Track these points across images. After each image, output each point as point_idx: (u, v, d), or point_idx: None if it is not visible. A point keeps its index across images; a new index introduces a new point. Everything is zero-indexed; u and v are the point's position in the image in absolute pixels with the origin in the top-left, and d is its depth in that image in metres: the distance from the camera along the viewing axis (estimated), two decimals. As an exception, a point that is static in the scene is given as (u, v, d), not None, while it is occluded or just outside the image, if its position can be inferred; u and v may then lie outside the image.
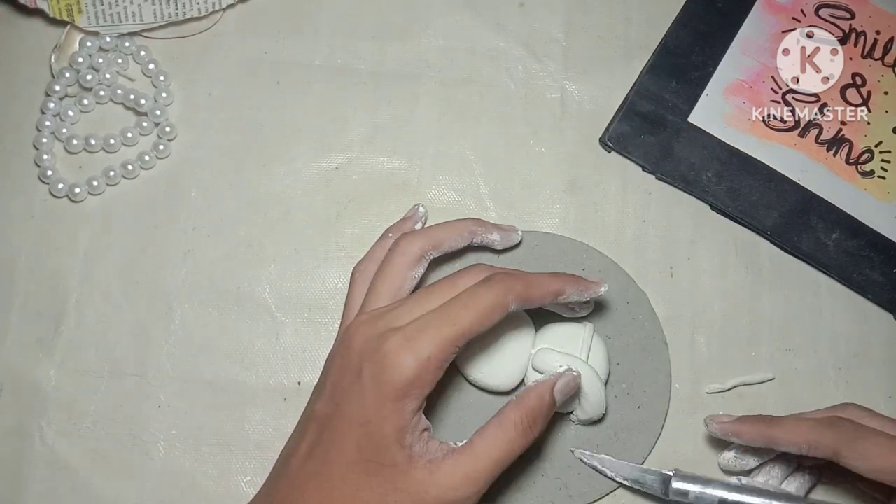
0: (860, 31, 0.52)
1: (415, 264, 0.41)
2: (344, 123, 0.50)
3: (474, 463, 0.36)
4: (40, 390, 0.45)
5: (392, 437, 0.35)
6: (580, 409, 0.43)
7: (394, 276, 0.41)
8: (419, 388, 0.36)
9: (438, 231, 0.43)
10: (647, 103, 0.50)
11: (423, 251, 0.42)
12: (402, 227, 0.45)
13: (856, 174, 0.50)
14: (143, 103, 0.49)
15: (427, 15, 0.52)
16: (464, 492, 0.36)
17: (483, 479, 0.36)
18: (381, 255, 0.43)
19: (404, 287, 0.41)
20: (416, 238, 0.42)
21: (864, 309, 0.49)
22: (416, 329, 0.36)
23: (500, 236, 0.45)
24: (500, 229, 0.45)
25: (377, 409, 0.36)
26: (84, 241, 0.48)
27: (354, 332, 0.38)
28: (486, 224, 0.45)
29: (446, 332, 0.36)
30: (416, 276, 0.42)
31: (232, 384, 0.46)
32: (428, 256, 0.42)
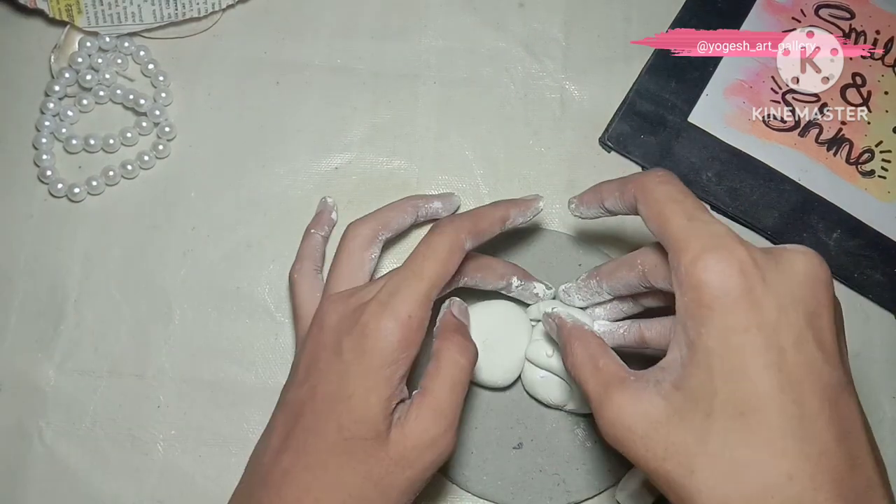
0: (860, 31, 0.52)
1: (370, 245, 0.42)
2: (343, 123, 0.50)
3: (434, 398, 0.35)
4: (40, 390, 0.45)
5: (378, 408, 0.34)
6: (573, 401, 0.43)
7: (351, 258, 0.41)
8: (406, 350, 0.35)
9: (384, 212, 0.44)
10: (646, 103, 0.50)
11: (374, 232, 0.42)
12: (320, 220, 0.47)
13: (856, 174, 0.50)
14: (143, 103, 0.49)
15: (427, 15, 0.52)
16: (436, 428, 0.35)
17: (450, 408, 0.35)
18: (311, 254, 0.45)
19: (364, 268, 0.41)
20: (364, 221, 0.43)
21: (864, 308, 0.49)
22: (388, 293, 0.36)
23: (442, 203, 0.46)
24: (439, 198, 0.46)
25: (362, 380, 0.35)
26: (83, 241, 0.48)
27: (327, 311, 0.38)
28: (425, 196, 0.46)
29: (417, 286, 0.35)
30: (374, 257, 0.42)
31: (231, 384, 0.46)
32: (381, 237, 0.43)
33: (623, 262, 0.39)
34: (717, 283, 0.30)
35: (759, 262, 0.30)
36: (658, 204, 0.33)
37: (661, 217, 0.33)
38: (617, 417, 0.32)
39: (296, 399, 0.37)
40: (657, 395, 0.31)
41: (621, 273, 0.38)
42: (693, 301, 0.30)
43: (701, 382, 0.30)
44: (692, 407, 0.30)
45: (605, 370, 0.34)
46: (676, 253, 0.31)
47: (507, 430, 0.45)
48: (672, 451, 0.30)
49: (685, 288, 0.31)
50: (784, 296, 0.30)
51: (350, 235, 0.42)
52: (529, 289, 0.44)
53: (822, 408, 0.29)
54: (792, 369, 0.29)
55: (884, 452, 0.46)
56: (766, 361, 0.29)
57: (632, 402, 0.32)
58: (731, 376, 0.29)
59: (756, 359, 0.29)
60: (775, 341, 0.29)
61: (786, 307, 0.30)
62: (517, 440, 0.44)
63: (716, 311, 0.30)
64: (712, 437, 0.29)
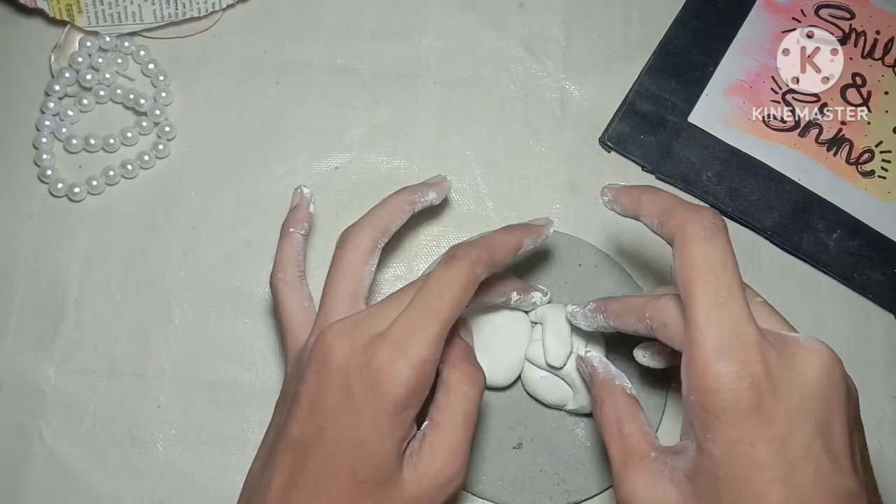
0: (860, 31, 0.52)
1: (369, 256, 0.39)
2: (343, 123, 0.50)
3: (447, 435, 0.34)
4: (40, 390, 0.45)
5: (392, 453, 0.33)
6: (573, 401, 0.43)
7: (351, 274, 0.38)
8: (420, 393, 0.34)
9: (382, 213, 0.40)
10: (646, 103, 0.50)
11: (374, 241, 0.39)
12: (297, 216, 0.42)
13: (856, 174, 0.50)
14: (143, 103, 0.49)
15: (427, 15, 0.52)
16: (451, 468, 0.34)
17: (462, 445, 0.35)
18: (293, 257, 0.41)
19: (364, 284, 0.38)
20: (360, 228, 0.39)
21: (864, 309, 0.49)
22: (402, 333, 0.33)
23: (436, 192, 0.43)
24: (432, 185, 0.43)
25: (375, 426, 0.33)
26: (83, 241, 0.48)
27: (332, 346, 0.34)
28: (418, 188, 0.42)
29: (432, 327, 0.33)
30: (373, 269, 0.39)
31: (231, 384, 0.46)
32: (380, 245, 0.40)
33: (631, 309, 0.37)
34: (727, 395, 0.29)
35: (773, 371, 0.29)
36: (691, 268, 0.31)
37: (690, 287, 0.31)
38: (632, 495, 0.32)
39: (302, 437, 0.34)
40: (671, 483, 0.31)
41: (628, 319, 0.37)
42: (700, 404, 0.30)
43: (708, 485, 0.30)
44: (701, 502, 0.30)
45: (629, 440, 0.34)
46: (692, 344, 0.30)
47: (507, 430, 0.45)
48: None
49: (694, 387, 0.30)
50: (795, 407, 0.29)
51: (348, 247, 0.39)
52: (528, 299, 0.43)
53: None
54: (800, 482, 0.29)
55: (884, 453, 0.47)
56: (772, 477, 0.29)
57: (647, 484, 0.32)
58: (735, 488, 0.29)
59: (761, 474, 0.29)
60: (783, 456, 0.29)
61: (796, 420, 0.29)
62: (517, 440, 0.44)
63: (723, 421, 0.29)
64: None
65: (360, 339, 0.34)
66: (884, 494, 0.45)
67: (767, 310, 0.34)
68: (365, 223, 0.40)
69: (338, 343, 0.34)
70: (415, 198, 0.42)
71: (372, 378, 0.33)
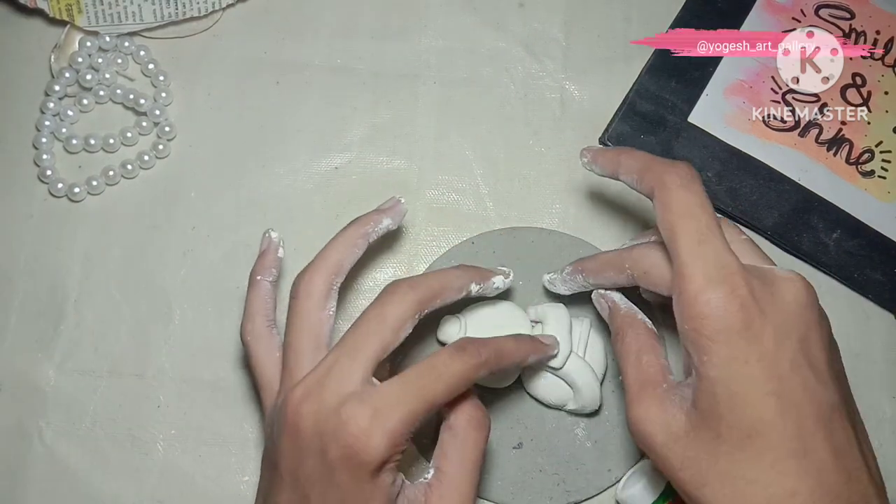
0: (860, 31, 0.52)
1: (325, 300, 0.38)
2: (343, 123, 0.50)
3: (456, 488, 0.35)
4: (40, 390, 0.45)
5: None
6: (573, 401, 0.43)
7: (309, 325, 0.37)
8: (395, 458, 0.33)
9: (333, 253, 0.39)
10: (646, 103, 0.50)
11: (328, 284, 0.38)
12: (265, 263, 0.41)
13: (856, 174, 0.50)
14: (143, 103, 0.49)
15: (427, 15, 0.52)
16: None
17: (471, 495, 0.35)
18: (261, 307, 0.39)
19: (323, 332, 0.37)
20: (313, 272, 0.38)
21: (864, 309, 0.48)
22: (385, 401, 0.33)
23: (391, 217, 0.41)
24: (385, 211, 0.41)
25: (356, 490, 0.33)
26: (83, 241, 0.48)
27: (299, 412, 0.34)
28: (371, 217, 0.41)
29: (415, 406, 0.33)
30: (332, 313, 0.38)
31: (231, 384, 0.46)
32: (335, 286, 0.38)
33: (609, 263, 0.39)
34: (719, 318, 0.31)
35: (757, 295, 0.32)
36: (672, 213, 0.34)
37: (672, 230, 0.34)
38: (643, 420, 0.34)
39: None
40: (680, 411, 0.34)
41: (608, 273, 0.39)
42: (694, 331, 0.32)
43: (709, 406, 0.32)
44: (704, 427, 0.32)
45: (646, 369, 0.36)
46: (681, 279, 0.33)
47: (507, 430, 0.45)
48: (687, 464, 0.33)
49: (687, 317, 0.32)
50: (779, 326, 0.32)
51: (301, 296, 0.37)
52: (489, 286, 0.41)
53: (818, 427, 0.31)
54: (790, 393, 0.31)
55: (884, 453, 0.47)
56: (767, 390, 0.31)
57: (658, 410, 0.34)
58: (735, 403, 0.31)
59: (757, 387, 0.31)
60: (774, 371, 0.31)
61: (781, 338, 0.32)
62: (517, 440, 0.44)
63: (717, 343, 0.32)
64: (722, 457, 0.32)
65: (329, 400, 0.33)
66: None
67: (749, 245, 0.37)
68: (315, 268, 0.38)
69: (305, 410, 0.34)
70: (367, 229, 0.40)
71: (347, 446, 0.32)
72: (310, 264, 0.39)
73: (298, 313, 0.37)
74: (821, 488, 0.31)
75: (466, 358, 0.35)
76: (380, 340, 0.35)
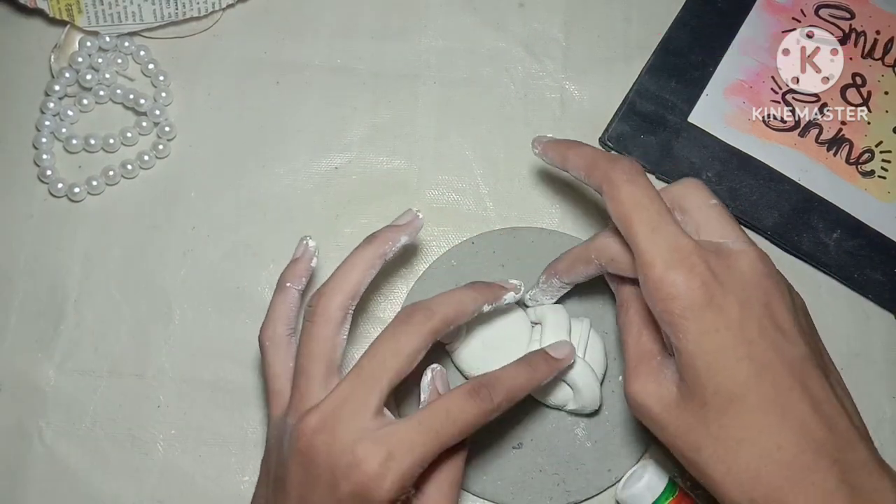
0: (860, 31, 0.52)
1: (339, 327, 0.37)
2: (343, 123, 0.50)
3: None
4: (40, 390, 0.45)
5: None
6: (573, 401, 0.43)
7: (324, 350, 0.37)
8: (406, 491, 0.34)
9: (351, 275, 0.38)
10: (646, 103, 0.50)
11: (345, 310, 0.37)
12: (297, 271, 0.40)
13: (856, 174, 0.50)
14: (143, 103, 0.49)
15: (427, 15, 0.52)
16: None
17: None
18: (285, 314, 0.39)
19: (336, 357, 0.37)
20: (332, 298, 0.37)
21: (864, 309, 0.48)
22: (399, 444, 0.34)
23: (408, 235, 0.40)
24: (402, 228, 0.40)
25: None
26: (83, 241, 0.48)
27: (313, 443, 0.34)
28: (388, 236, 0.39)
29: (428, 449, 0.34)
30: (345, 337, 0.38)
31: (231, 384, 0.46)
32: (351, 310, 0.38)
33: (577, 258, 0.41)
34: (684, 296, 0.33)
35: (716, 270, 0.34)
36: (623, 207, 0.35)
37: (626, 222, 0.35)
38: (639, 392, 0.36)
39: None
40: (672, 383, 0.35)
41: (578, 268, 0.41)
42: (666, 311, 0.34)
43: (692, 378, 0.34)
44: (691, 396, 0.34)
45: (643, 344, 0.37)
46: (643, 266, 0.35)
47: (507, 430, 0.45)
48: (681, 431, 0.34)
49: (655, 300, 0.34)
50: (740, 295, 0.34)
51: (319, 321, 0.37)
52: (501, 304, 0.41)
53: (793, 382, 0.33)
54: (761, 356, 0.33)
55: (884, 453, 0.46)
56: (739, 354, 0.33)
57: (653, 383, 0.36)
58: (713, 372, 0.33)
59: (730, 354, 0.33)
60: (742, 335, 0.33)
61: (744, 305, 0.34)
62: (517, 440, 0.44)
63: (687, 319, 0.33)
64: (711, 422, 0.33)
65: (344, 436, 0.34)
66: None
67: (717, 211, 0.37)
68: (334, 290, 0.37)
69: (319, 441, 0.34)
70: (385, 249, 0.39)
71: (359, 483, 0.33)
72: (327, 286, 0.38)
73: (314, 337, 0.37)
74: (804, 439, 0.32)
75: (480, 403, 0.36)
76: (394, 371, 0.35)
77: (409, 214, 0.41)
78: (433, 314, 0.37)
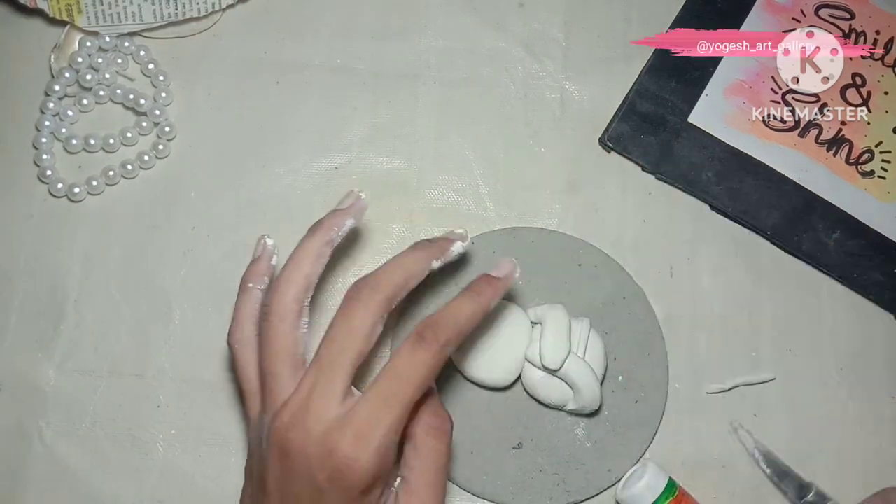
0: (860, 31, 0.52)
1: (297, 321, 0.36)
2: (343, 123, 0.50)
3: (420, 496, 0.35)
4: (40, 390, 0.45)
5: None
6: (573, 401, 0.43)
7: (285, 347, 0.36)
8: (385, 473, 0.34)
9: (300, 269, 0.37)
10: (646, 103, 0.50)
11: (299, 303, 0.37)
12: (257, 270, 0.40)
13: (856, 174, 0.50)
14: (143, 103, 0.49)
15: (427, 15, 0.52)
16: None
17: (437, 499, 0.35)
18: (251, 314, 0.38)
19: (299, 351, 0.36)
20: (284, 291, 0.37)
21: (864, 309, 0.48)
22: (366, 422, 0.33)
23: (354, 216, 0.39)
24: (346, 213, 0.39)
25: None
26: (83, 241, 0.48)
27: (287, 437, 0.34)
28: (332, 222, 0.39)
29: (393, 417, 0.33)
30: (305, 329, 0.37)
31: (231, 384, 0.46)
32: (306, 303, 0.37)
33: None
34: None
35: None
36: None
37: None
38: None
39: None
40: None
41: None
42: None
43: None
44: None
45: None
46: None
47: (507, 430, 0.45)
48: None
49: None
50: None
51: (274, 318, 0.36)
52: (450, 256, 0.39)
53: None
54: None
55: (884, 453, 0.47)
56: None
57: None
58: None
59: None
60: None
61: None
62: (517, 440, 0.44)
63: None
64: None
65: (314, 428, 0.33)
66: (884, 494, 0.45)
67: None
68: (286, 286, 0.37)
69: (293, 437, 0.34)
70: (331, 236, 0.38)
71: (335, 469, 0.33)
72: (278, 282, 0.37)
73: (273, 337, 0.36)
74: None
75: (427, 348, 0.34)
76: (353, 352, 0.34)
77: (352, 196, 0.40)
78: (380, 285, 0.35)
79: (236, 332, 0.38)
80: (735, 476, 0.45)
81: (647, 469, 0.43)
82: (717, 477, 0.45)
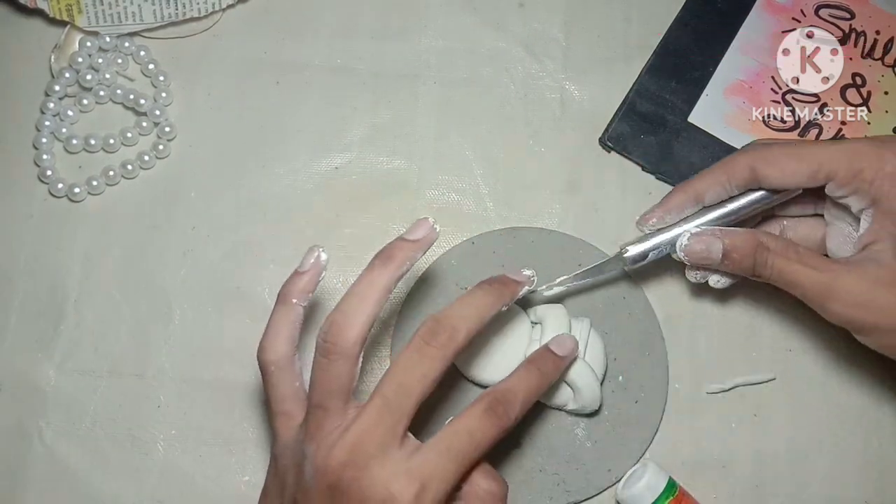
0: (860, 31, 0.52)
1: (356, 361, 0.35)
2: (343, 123, 0.50)
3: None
4: (40, 390, 0.45)
5: None
6: (573, 401, 0.43)
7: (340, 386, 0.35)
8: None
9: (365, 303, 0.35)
10: (646, 103, 0.50)
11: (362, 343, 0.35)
12: (303, 286, 0.37)
13: (856, 174, 0.50)
14: (143, 103, 0.49)
15: (427, 15, 0.52)
16: None
17: None
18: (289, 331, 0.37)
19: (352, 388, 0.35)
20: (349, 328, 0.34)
21: (864, 309, 0.48)
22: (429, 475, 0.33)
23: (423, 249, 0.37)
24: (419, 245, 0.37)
25: None
26: (83, 241, 0.48)
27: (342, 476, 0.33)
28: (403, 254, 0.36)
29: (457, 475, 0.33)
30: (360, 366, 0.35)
31: (231, 384, 0.46)
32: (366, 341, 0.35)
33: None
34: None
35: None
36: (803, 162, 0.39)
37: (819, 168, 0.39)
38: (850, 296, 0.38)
39: None
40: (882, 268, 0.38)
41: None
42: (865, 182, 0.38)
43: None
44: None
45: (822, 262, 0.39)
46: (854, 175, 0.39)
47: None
48: None
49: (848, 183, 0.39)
50: None
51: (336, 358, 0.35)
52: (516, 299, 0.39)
53: None
54: None
55: (884, 453, 0.47)
56: None
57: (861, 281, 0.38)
58: None
59: None
60: None
61: None
62: (517, 440, 0.44)
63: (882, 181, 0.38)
64: None
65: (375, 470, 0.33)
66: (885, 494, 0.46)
67: None
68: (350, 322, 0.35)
69: (350, 476, 0.33)
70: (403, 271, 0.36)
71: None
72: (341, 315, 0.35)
73: (333, 375, 0.35)
74: None
75: (498, 421, 0.34)
76: (420, 396, 0.34)
77: (425, 227, 0.37)
78: (457, 332, 0.35)
79: (270, 349, 0.36)
80: (735, 476, 0.45)
81: (647, 469, 0.43)
82: (717, 477, 0.45)
